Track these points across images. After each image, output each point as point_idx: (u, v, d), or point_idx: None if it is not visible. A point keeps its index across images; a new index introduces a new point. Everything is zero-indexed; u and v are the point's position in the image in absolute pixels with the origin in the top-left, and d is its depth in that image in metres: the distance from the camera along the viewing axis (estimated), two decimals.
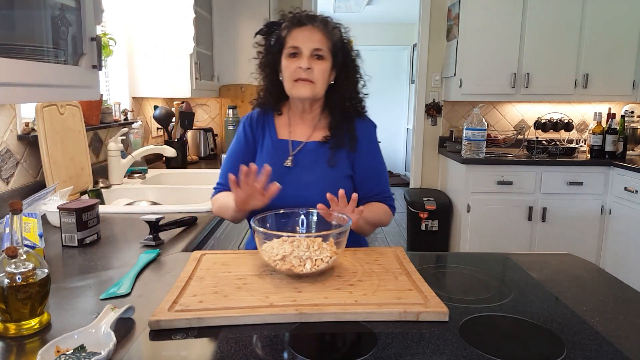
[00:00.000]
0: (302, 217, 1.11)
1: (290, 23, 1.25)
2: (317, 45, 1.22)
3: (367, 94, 1.37)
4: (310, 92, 1.25)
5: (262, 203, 1.11)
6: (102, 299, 0.91)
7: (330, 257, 0.97)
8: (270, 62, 1.30)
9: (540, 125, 3.70)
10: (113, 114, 2.34)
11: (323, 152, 1.30)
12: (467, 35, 3.45)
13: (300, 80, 1.24)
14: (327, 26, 1.25)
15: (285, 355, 0.73)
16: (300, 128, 1.34)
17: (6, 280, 0.77)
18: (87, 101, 2.01)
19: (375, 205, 1.33)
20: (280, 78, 1.29)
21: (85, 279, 1.03)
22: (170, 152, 2.26)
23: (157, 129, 3.02)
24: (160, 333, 0.78)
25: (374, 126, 1.37)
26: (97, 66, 1.25)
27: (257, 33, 1.32)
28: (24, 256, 0.80)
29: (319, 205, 1.07)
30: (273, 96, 1.33)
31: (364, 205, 1.27)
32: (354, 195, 1.10)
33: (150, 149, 2.22)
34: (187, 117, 2.85)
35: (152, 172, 2.39)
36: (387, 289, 0.92)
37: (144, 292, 0.96)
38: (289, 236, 1.00)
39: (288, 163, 1.29)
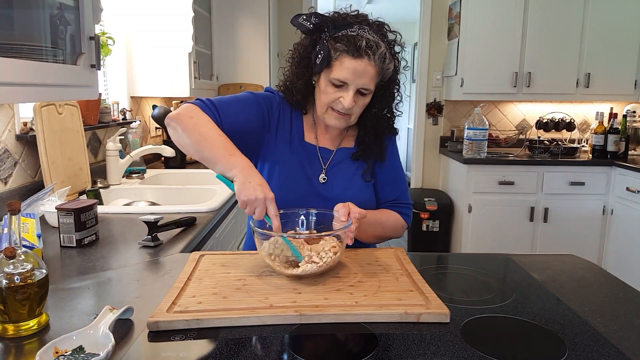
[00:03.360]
0: (302, 217, 1.11)
1: (345, 46, 1.09)
2: (366, 85, 1.11)
3: (401, 112, 1.28)
4: (344, 124, 1.17)
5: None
6: None
7: (331, 258, 0.96)
8: (308, 67, 1.17)
9: (542, 124, 3.69)
10: (111, 113, 2.33)
11: (353, 163, 1.24)
12: (469, 34, 3.44)
13: (336, 111, 1.15)
14: (384, 62, 1.12)
15: (285, 357, 0.72)
16: (328, 134, 1.26)
17: (4, 281, 0.77)
18: (85, 101, 2.00)
19: (384, 215, 1.26)
20: (314, 82, 1.19)
21: (84, 280, 1.03)
22: (169, 152, 2.25)
23: (156, 128, 3.02)
24: (159, 334, 0.78)
25: (396, 133, 1.32)
26: (96, 65, 1.25)
27: (296, 24, 1.15)
28: (22, 257, 0.79)
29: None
30: (304, 97, 1.21)
31: (377, 210, 1.26)
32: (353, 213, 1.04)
33: (148, 148, 2.21)
34: None
35: (150, 172, 2.38)
36: (387, 290, 0.92)
37: (142, 293, 0.96)
38: (288, 237, 0.99)
39: (322, 179, 1.22)
